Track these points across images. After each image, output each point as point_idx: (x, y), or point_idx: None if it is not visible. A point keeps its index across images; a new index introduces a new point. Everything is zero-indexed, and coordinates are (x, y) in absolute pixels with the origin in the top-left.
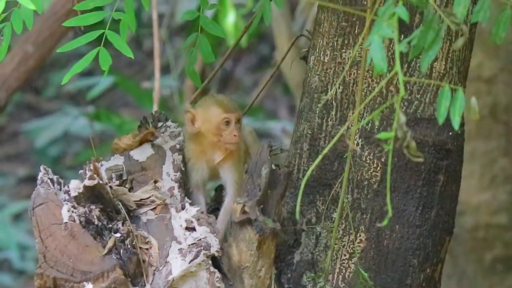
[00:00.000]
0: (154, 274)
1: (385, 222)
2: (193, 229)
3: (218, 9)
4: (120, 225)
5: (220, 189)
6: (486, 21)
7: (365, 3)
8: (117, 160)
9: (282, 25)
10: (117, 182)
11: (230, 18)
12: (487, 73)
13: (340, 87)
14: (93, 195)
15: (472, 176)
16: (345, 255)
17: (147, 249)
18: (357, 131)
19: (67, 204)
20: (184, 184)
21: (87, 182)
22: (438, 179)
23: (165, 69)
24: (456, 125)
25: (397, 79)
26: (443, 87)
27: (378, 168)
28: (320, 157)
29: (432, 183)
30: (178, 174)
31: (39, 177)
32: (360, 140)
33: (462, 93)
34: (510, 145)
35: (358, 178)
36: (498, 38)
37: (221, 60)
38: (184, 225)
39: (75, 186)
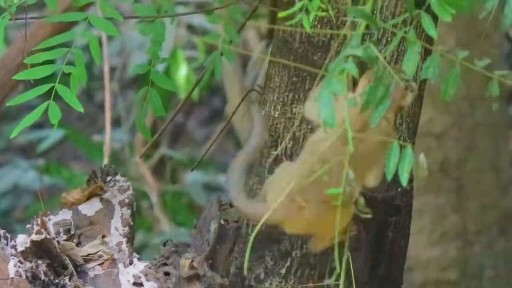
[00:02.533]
0: None
1: (333, 279)
2: (141, 284)
3: (169, 62)
4: (67, 280)
5: (168, 244)
6: (436, 78)
7: (315, 58)
8: (65, 215)
9: (233, 79)
10: (65, 237)
11: (182, 72)
12: (437, 129)
13: (290, 142)
14: (40, 250)
15: (422, 231)
16: None
17: None
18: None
19: (13, 259)
20: (133, 239)
21: (34, 237)
22: (387, 235)
23: (116, 122)
24: (404, 181)
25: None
26: (392, 143)
27: None
28: (269, 212)
29: (381, 240)
30: (127, 228)
31: None
32: None
33: (411, 149)
34: (461, 201)
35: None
36: (447, 95)
37: (172, 113)
38: (132, 280)
39: (22, 240)
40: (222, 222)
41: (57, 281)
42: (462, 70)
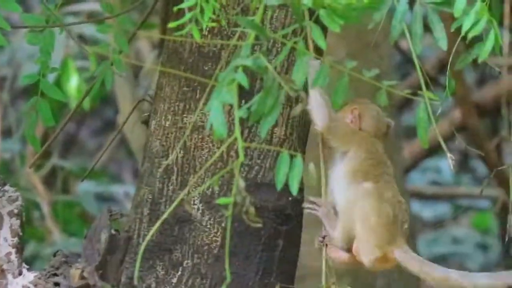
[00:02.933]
0: None
1: None
2: None
3: (60, 72)
4: None
5: (58, 255)
6: (325, 87)
7: (206, 68)
8: None
9: (125, 89)
10: None
11: (73, 82)
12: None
13: (181, 152)
14: None
15: (315, 240)
16: None
17: None
18: (198, 196)
19: None
20: (22, 249)
21: None
22: (277, 244)
23: (7, 133)
24: (294, 190)
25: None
26: (282, 153)
27: (219, 233)
28: (159, 222)
29: (272, 248)
30: (16, 239)
31: None
32: (201, 205)
33: (301, 159)
34: None
35: (199, 243)
36: (336, 105)
37: (64, 123)
38: None
39: None
40: (113, 232)
41: None
42: (353, 80)
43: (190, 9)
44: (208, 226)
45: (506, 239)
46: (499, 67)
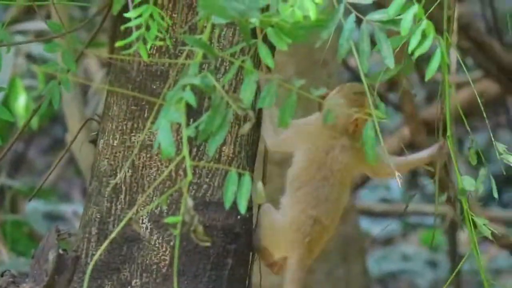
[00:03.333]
0: None
1: None
2: None
3: (8, 91)
4: None
5: (6, 275)
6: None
7: (154, 87)
8: None
9: (73, 108)
10: None
11: (21, 101)
12: (278, 156)
13: (129, 171)
14: None
15: None
16: None
17: None
18: (146, 215)
19: None
20: None
21: None
22: (226, 262)
23: None
24: (242, 209)
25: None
26: (230, 171)
27: (167, 252)
28: (107, 241)
29: (221, 267)
30: None
31: None
32: (149, 224)
33: (249, 177)
34: None
35: (147, 262)
36: (284, 124)
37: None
38: None
39: None
40: (61, 251)
41: None
42: (302, 98)
43: (138, 27)
44: (157, 245)
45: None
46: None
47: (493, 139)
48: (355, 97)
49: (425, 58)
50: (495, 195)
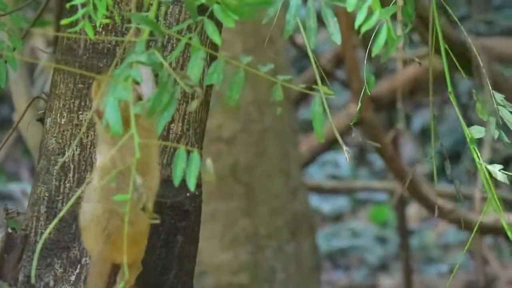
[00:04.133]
0: None
1: (121, 285)
2: None
3: None
4: None
5: None
6: (220, 83)
7: (101, 65)
8: None
9: (20, 87)
10: None
11: None
12: (227, 134)
13: (77, 149)
14: None
15: (214, 236)
16: None
17: None
18: None
19: None
20: None
21: None
22: (176, 240)
23: None
24: (192, 186)
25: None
26: (179, 148)
27: None
28: (56, 219)
29: (171, 244)
30: None
31: None
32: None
33: (198, 154)
34: (251, 205)
35: None
36: (232, 101)
37: None
38: None
39: None
40: (10, 230)
41: None
42: (250, 75)
43: (83, 5)
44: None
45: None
46: (393, 60)
47: (492, 92)
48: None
49: (372, 34)
50: (448, 171)
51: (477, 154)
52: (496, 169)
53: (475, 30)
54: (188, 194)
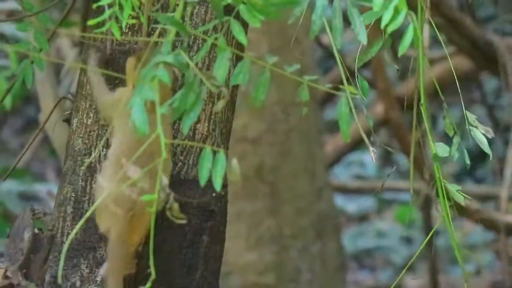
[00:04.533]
0: None
1: (148, 285)
2: None
3: None
4: None
5: None
6: (246, 84)
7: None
8: None
9: (47, 88)
10: None
11: None
12: (252, 134)
13: (104, 150)
14: None
15: (239, 236)
16: None
17: None
18: None
19: None
20: None
21: None
22: (202, 240)
23: None
24: (218, 186)
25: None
26: (204, 149)
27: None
28: (83, 220)
29: (197, 245)
30: None
31: None
32: None
33: (223, 155)
34: (276, 205)
35: None
36: (258, 101)
37: None
38: None
39: None
40: (36, 230)
41: None
42: (276, 76)
43: (110, 6)
44: None
45: (430, 232)
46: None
47: (465, 111)
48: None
49: (398, 35)
50: (468, 163)
51: (438, 171)
52: (454, 189)
53: (502, 30)
54: (214, 194)
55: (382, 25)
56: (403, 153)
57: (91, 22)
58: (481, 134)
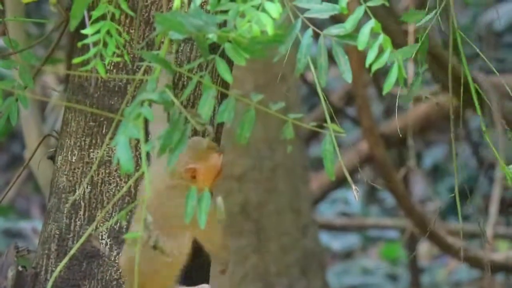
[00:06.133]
0: None
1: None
2: None
3: None
4: None
5: None
6: (231, 121)
7: (112, 103)
8: None
9: (31, 125)
10: None
11: None
12: (238, 171)
13: (88, 187)
14: None
15: None
16: None
17: None
18: (105, 231)
19: None
20: None
21: None
22: (189, 276)
23: None
24: (202, 224)
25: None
26: (190, 186)
27: None
28: (67, 257)
29: (183, 282)
30: None
31: None
32: (109, 240)
33: (208, 193)
34: (261, 242)
35: (107, 278)
36: (243, 139)
37: None
38: None
39: None
40: (20, 268)
41: None
42: (261, 113)
43: (95, 44)
44: (117, 261)
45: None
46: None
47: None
48: (200, 151)
49: (383, 72)
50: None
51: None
52: None
53: (486, 68)
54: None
55: (367, 64)
56: (388, 190)
57: (76, 60)
58: None
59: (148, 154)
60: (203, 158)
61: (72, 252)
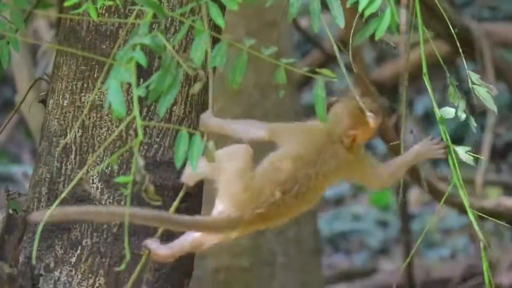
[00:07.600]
0: None
1: (123, 267)
2: None
3: None
4: None
5: None
6: (223, 66)
7: (104, 47)
8: None
9: (23, 68)
10: None
11: None
12: (229, 117)
13: (79, 131)
14: None
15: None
16: None
17: None
18: (96, 174)
19: None
20: None
21: None
22: None
23: None
24: (194, 168)
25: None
26: (181, 131)
27: None
28: (58, 201)
29: None
30: None
31: None
32: (100, 184)
33: (200, 137)
34: None
35: (97, 222)
36: (235, 83)
37: None
38: None
39: None
40: (11, 211)
41: None
42: (253, 59)
43: None
44: (108, 205)
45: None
46: (396, 44)
47: (467, 71)
48: (360, 114)
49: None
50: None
51: (445, 134)
52: (462, 151)
53: (479, 15)
54: None
55: (360, 9)
56: (379, 137)
57: (68, 3)
58: (484, 91)
59: None
60: (363, 123)
61: (63, 195)
